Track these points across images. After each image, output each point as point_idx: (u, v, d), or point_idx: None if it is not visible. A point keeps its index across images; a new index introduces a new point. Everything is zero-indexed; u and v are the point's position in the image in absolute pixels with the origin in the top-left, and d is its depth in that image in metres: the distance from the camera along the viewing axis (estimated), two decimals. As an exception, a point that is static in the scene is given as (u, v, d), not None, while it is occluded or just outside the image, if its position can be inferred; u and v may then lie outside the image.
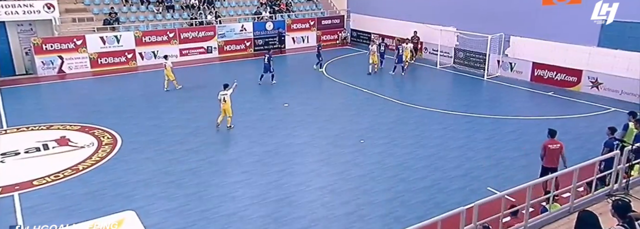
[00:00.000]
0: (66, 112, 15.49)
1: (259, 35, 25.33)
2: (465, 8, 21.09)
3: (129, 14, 23.58)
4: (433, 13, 22.43)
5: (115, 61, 21.79)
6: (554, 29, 17.94)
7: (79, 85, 19.57)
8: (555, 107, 16.05)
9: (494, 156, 11.74)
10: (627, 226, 4.78)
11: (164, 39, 22.77)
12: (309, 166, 11.59)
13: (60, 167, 11.22)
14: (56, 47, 20.39)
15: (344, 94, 18.04)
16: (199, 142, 12.98)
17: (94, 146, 12.57)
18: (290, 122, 14.61)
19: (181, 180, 10.76)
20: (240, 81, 20.07)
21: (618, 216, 4.92)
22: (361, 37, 27.52)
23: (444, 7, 22.11)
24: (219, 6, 25.95)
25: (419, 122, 14.61)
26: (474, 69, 20.79)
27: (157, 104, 16.59)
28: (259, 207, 9.61)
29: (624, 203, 5.09)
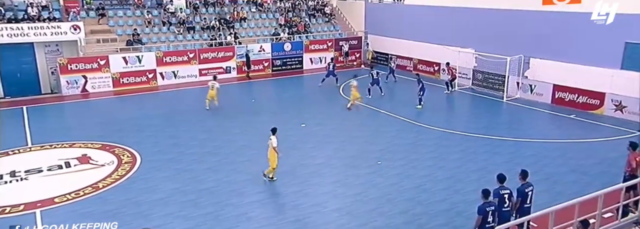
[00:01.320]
0: (88, 130, 15.81)
1: (278, 55, 25.71)
2: (483, 29, 21.11)
3: (151, 35, 24.26)
4: (451, 34, 22.50)
5: (137, 80, 22.31)
6: (575, 51, 17.77)
7: (101, 104, 20.04)
8: (578, 130, 15.74)
9: (513, 180, 11.49)
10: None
11: (184, 59, 23.30)
12: (326, 187, 11.52)
13: (81, 185, 11.39)
14: (80, 67, 21.02)
15: (361, 115, 18.03)
16: (216, 162, 13.06)
17: (114, 164, 12.76)
18: (307, 143, 14.62)
19: (198, 199, 10.80)
20: (259, 100, 20.46)
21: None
22: (379, 58, 27.70)
23: (462, 29, 22.17)
24: (239, 27, 26.52)
25: (437, 144, 14.46)
26: (493, 90, 20.63)
27: (177, 123, 16.82)
28: (275, 228, 9.54)
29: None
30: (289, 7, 29.13)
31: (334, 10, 30.53)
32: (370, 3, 28.81)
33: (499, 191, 8.07)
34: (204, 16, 26.11)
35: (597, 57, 17.07)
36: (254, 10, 28.18)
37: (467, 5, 21.77)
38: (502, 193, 8.09)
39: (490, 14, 20.85)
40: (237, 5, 27.83)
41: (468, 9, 21.83)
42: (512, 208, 8.19)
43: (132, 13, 24.89)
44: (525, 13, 19.32)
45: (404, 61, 25.77)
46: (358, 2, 29.50)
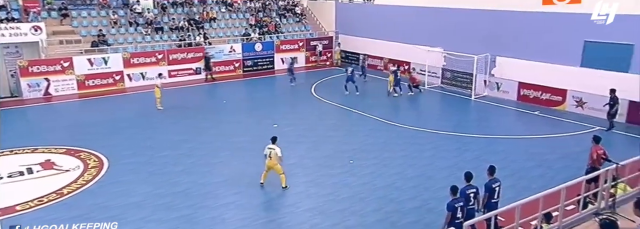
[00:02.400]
0: (52, 135, 15.28)
1: (248, 56, 25.52)
2: (452, 29, 21.55)
3: (118, 35, 23.64)
4: (421, 34, 22.86)
5: (103, 82, 21.71)
6: (539, 49, 18.37)
7: (66, 107, 19.39)
8: (542, 126, 16.27)
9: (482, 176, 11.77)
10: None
11: (152, 61, 22.81)
12: (299, 187, 11.50)
13: (45, 191, 10.99)
14: (42, 70, 20.27)
15: (333, 115, 18.11)
16: (190, 164, 12.86)
17: (80, 169, 12.37)
18: (280, 143, 14.48)
19: (172, 202, 10.60)
20: (230, 101, 20.24)
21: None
22: (350, 57, 27.87)
23: (431, 28, 22.56)
24: (208, 28, 26.17)
25: (408, 142, 14.66)
26: (461, 89, 21.08)
27: (146, 125, 16.46)
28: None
29: (611, 222, 5.14)
30: (259, 7, 28.95)
31: (304, 10, 30.52)
32: (341, 3, 28.95)
33: (465, 191, 8.25)
34: (173, 16, 25.63)
35: (558, 56, 17.71)
36: (223, 10, 27.86)
37: (436, 5, 22.18)
38: (468, 192, 8.28)
39: (458, 14, 21.31)
40: (206, 5, 27.45)
41: (437, 8, 22.22)
42: (478, 205, 8.39)
43: (97, 13, 24.18)
44: (491, 13, 19.85)
45: (375, 61, 26.02)
46: (328, 2, 29.60)
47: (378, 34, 25.59)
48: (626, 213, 6.37)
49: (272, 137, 11.44)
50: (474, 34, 20.53)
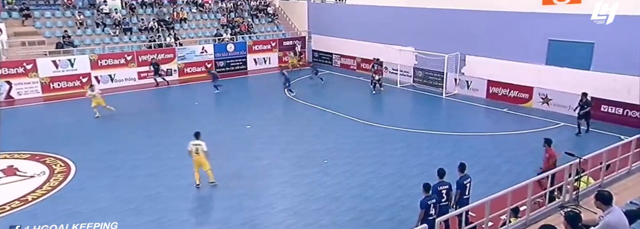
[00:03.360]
0: (14, 140, 14.67)
1: (220, 57, 25.23)
2: (423, 28, 21.85)
3: (84, 37, 22.98)
4: (392, 33, 23.10)
5: (69, 85, 21.07)
6: (506, 48, 18.83)
7: (29, 111, 18.72)
8: (510, 123, 16.69)
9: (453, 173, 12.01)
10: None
11: (121, 62, 22.29)
12: (273, 188, 11.45)
13: (7, 199, 10.57)
14: (3, 72, 19.55)
15: (306, 115, 18.10)
16: (159, 167, 12.60)
17: (45, 174, 11.97)
18: (253, 144, 14.46)
19: (141, 207, 10.38)
20: (202, 102, 19.97)
21: (570, 226, 5.12)
22: (323, 57, 27.93)
23: (402, 28, 22.80)
24: (179, 28, 25.75)
25: (381, 140, 14.80)
26: (432, 87, 21.42)
27: (114, 129, 16.06)
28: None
29: (575, 214, 5.32)
30: (230, 8, 28.67)
31: (276, 10, 30.40)
32: (313, 3, 28.96)
33: (437, 187, 8.37)
34: (142, 17, 25.11)
35: (524, 54, 18.21)
36: (194, 10, 27.45)
37: (407, 5, 22.46)
38: (440, 189, 8.41)
39: (429, 14, 21.60)
40: (176, 5, 27.01)
41: (408, 8, 22.49)
42: (450, 201, 8.53)
43: (62, 14, 23.46)
44: (461, 12, 20.23)
45: (348, 60, 26.16)
46: (300, 2, 29.57)
47: (350, 34, 25.74)
48: (589, 206, 6.61)
49: (195, 133, 11.31)
50: (444, 34, 20.89)
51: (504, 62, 18.99)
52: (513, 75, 18.75)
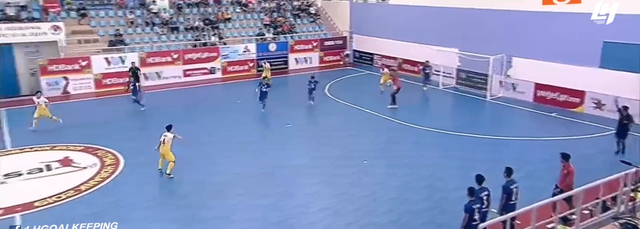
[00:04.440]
0: (70, 132, 15.53)
1: (262, 56, 25.64)
2: (467, 29, 21.30)
3: (134, 35, 23.95)
4: (436, 34, 22.67)
5: (120, 81, 21.97)
6: (556, 50, 18.07)
7: (83, 105, 19.71)
8: (559, 128, 16.00)
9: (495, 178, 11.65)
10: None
11: (167, 60, 23.07)
12: (310, 187, 11.51)
13: (63, 188, 11.18)
14: (61, 68, 20.66)
15: (346, 115, 18.08)
16: (198, 163, 12.93)
17: (96, 166, 12.57)
18: (292, 143, 14.60)
19: (180, 201, 10.71)
20: (244, 100, 20.35)
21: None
22: (363, 57, 27.82)
23: (446, 28, 22.31)
24: (223, 28, 26.36)
25: (420, 142, 14.58)
26: (476, 89, 20.87)
27: (160, 124, 16.55)
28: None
29: (632, 226, 5.04)
30: (273, 8, 29.05)
31: (319, 10, 30.52)
32: (355, 3, 28.89)
33: (479, 193, 8.16)
34: (188, 16, 25.88)
35: (577, 56, 17.39)
36: (238, 10, 28.02)
37: (452, 6, 21.99)
38: (482, 195, 8.19)
39: (473, 14, 21.07)
40: (221, 5, 27.66)
41: (452, 9, 22.03)
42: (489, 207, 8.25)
43: (115, 13, 24.54)
44: (508, 13, 19.59)
45: (389, 61, 25.91)
46: (342, 2, 29.56)
47: (392, 34, 25.47)
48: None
49: (167, 126, 12.14)
50: (489, 35, 20.29)
51: (554, 64, 18.22)
52: (563, 78, 17.96)
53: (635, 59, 15.94)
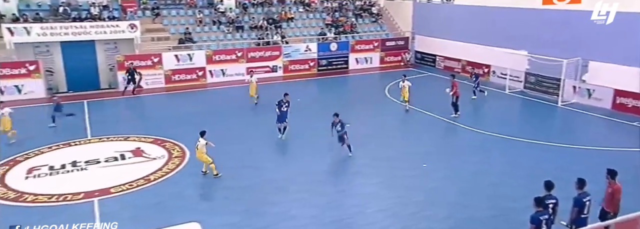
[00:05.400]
0: (142, 124, 16.55)
1: (323, 55, 25.84)
2: (538, 31, 20.22)
3: (202, 33, 25.01)
4: (503, 36, 21.73)
5: (187, 77, 23.10)
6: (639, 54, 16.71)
7: (154, 100, 20.90)
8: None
9: (566, 188, 10.96)
10: None
11: (232, 58, 23.88)
12: (368, 187, 11.47)
13: (134, 177, 11.94)
14: (136, 64, 21.99)
15: (405, 116, 17.80)
16: (257, 159, 13.30)
17: (164, 158, 13.28)
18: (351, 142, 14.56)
19: (240, 196, 11.02)
20: (303, 99, 20.62)
21: None
22: (425, 58, 27.25)
23: (515, 30, 21.29)
24: (286, 27, 26.86)
25: (484, 147, 14.06)
26: (546, 94, 19.76)
27: (224, 120, 17.26)
28: (317, 227, 9.60)
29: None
30: (335, 7, 29.19)
31: (381, 10, 30.28)
32: (418, 3, 28.35)
33: (544, 200, 7.72)
34: (253, 16, 26.64)
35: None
36: (301, 10, 28.44)
37: (521, 6, 20.94)
38: (547, 203, 7.74)
39: (546, 15, 19.93)
40: (284, 5, 28.21)
41: (522, 9, 20.98)
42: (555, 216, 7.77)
43: (185, 12, 25.77)
44: (584, 13, 18.34)
45: (452, 63, 25.20)
46: (405, 2, 29.12)
47: (456, 35, 24.73)
48: None
49: (201, 132, 12.12)
50: (563, 37, 19.12)
51: (636, 69, 16.84)
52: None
53: None
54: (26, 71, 20.16)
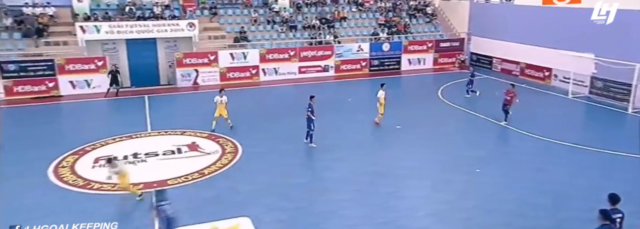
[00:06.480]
0: (197, 120, 17.11)
1: (375, 55, 25.64)
2: (608, 32, 18.94)
3: (257, 33, 25.55)
4: (566, 37, 20.60)
5: (241, 75, 23.69)
6: None
7: (209, 96, 21.33)
8: None
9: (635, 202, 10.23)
10: None
11: (285, 57, 24.22)
12: (419, 190, 11.25)
13: (190, 170, 12.38)
14: (193, 62, 22.85)
15: (458, 119, 17.32)
16: (309, 158, 13.45)
17: (218, 153, 13.68)
18: (401, 145, 14.40)
19: (291, 193, 11.13)
20: (354, 99, 20.57)
21: None
22: (481, 60, 26.38)
23: (580, 31, 20.10)
24: (338, 27, 26.89)
25: (542, 154, 13.40)
26: (615, 100, 18.55)
27: (275, 118, 17.54)
28: (366, 228, 9.54)
29: None
30: (389, 7, 28.87)
31: (436, 10, 29.62)
32: (476, 3, 27.47)
33: (610, 215, 7.19)
34: (306, 15, 26.87)
35: None
36: (354, 10, 28.37)
37: (588, 6, 19.72)
38: (614, 217, 7.21)
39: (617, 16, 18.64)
40: (338, 5, 28.24)
41: (588, 10, 19.73)
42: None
43: (241, 12, 26.43)
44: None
45: (510, 65, 24.22)
46: (462, 2, 28.31)
47: (515, 37, 23.73)
48: None
49: (220, 90, 14.98)
50: (635, 39, 17.82)
51: None
52: None
53: None
54: (95, 66, 21.46)
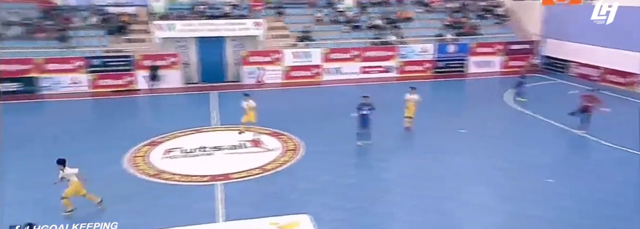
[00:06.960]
0: (261, 117, 17.52)
1: (440, 57, 25.00)
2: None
3: (320, 32, 25.75)
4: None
5: (304, 74, 24.03)
6: None
7: (273, 94, 22.11)
8: None
9: None
10: None
11: (347, 57, 24.26)
12: (481, 198, 10.84)
13: (252, 165, 12.75)
14: (258, 60, 23.48)
15: (528, 126, 16.46)
16: (369, 158, 13.40)
17: (279, 150, 13.98)
18: (465, 149, 13.95)
19: (350, 193, 11.14)
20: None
21: None
22: (555, 64, 24.91)
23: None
24: (403, 27, 26.48)
25: (625, 166, 12.43)
26: None
27: (336, 117, 17.57)
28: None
29: None
30: (457, 7, 28.00)
31: (507, 11, 28.32)
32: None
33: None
34: (371, 15, 26.72)
35: None
36: (420, 10, 27.80)
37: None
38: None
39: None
40: (403, 5, 27.82)
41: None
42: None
43: (305, 11, 26.77)
44: None
45: (588, 70, 22.67)
46: (536, 3, 26.78)
47: (595, 40, 22.13)
48: None
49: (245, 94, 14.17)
50: None
51: None
52: None
53: None
54: (169, 62, 22.70)
